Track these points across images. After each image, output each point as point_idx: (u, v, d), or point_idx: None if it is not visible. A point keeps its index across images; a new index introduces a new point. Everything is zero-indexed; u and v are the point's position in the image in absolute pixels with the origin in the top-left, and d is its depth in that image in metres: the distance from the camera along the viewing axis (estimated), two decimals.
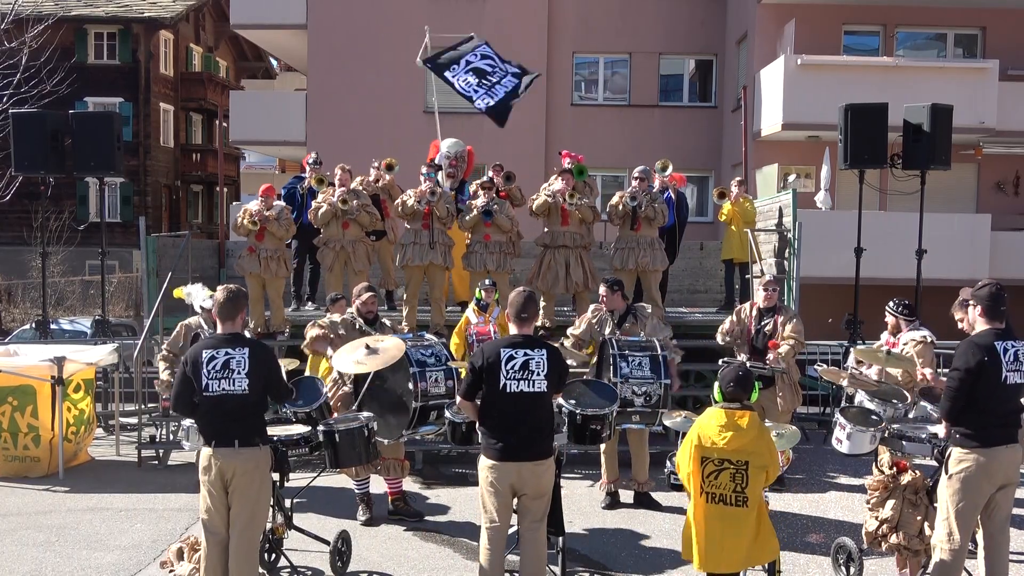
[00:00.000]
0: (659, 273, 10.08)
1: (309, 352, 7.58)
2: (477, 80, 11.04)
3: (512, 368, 5.05)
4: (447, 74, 11.09)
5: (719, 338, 8.17)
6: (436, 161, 11.01)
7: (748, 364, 7.51)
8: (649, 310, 8.01)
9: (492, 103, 10.99)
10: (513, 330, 5.28)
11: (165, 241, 11.81)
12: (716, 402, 4.94)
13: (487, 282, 8.78)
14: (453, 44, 11.31)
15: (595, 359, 7.55)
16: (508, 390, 5.05)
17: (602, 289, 7.68)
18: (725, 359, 7.65)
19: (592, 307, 7.83)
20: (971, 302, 5.22)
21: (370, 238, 10.52)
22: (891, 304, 6.88)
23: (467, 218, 9.77)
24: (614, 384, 6.78)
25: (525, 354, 5.09)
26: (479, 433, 5.29)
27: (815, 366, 7.67)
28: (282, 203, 10.36)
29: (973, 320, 5.21)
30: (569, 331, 7.78)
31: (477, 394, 5.19)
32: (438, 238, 9.72)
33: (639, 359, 6.91)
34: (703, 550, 4.78)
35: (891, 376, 6.57)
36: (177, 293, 8.94)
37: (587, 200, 9.91)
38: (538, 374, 5.07)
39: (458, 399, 5.45)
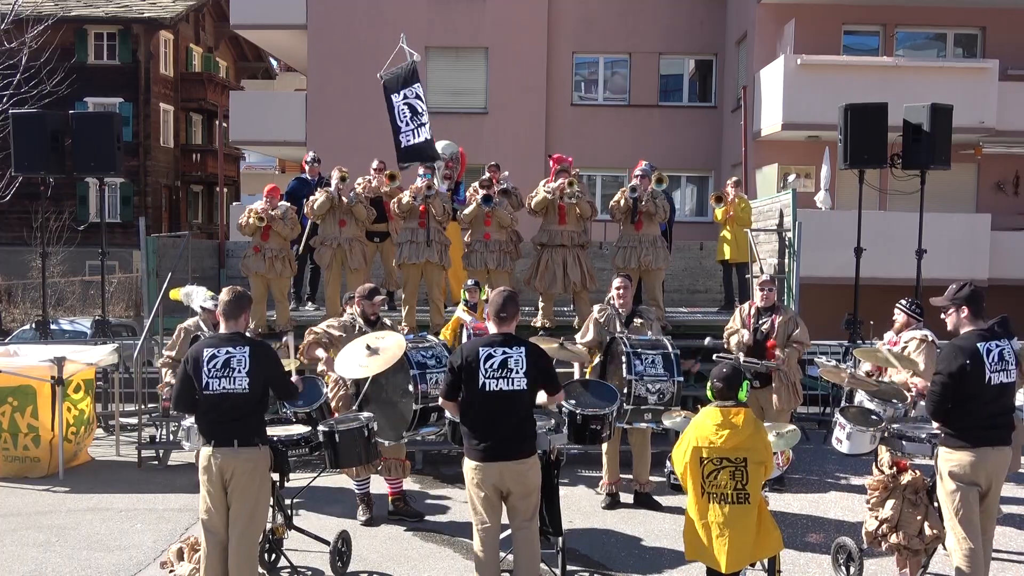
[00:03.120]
0: (661, 272, 10.06)
1: (305, 360, 7.53)
2: (411, 115, 11.23)
3: (491, 367, 5.03)
4: (393, 96, 11.26)
5: (734, 348, 8.12)
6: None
7: (743, 360, 7.53)
8: (653, 313, 8.02)
9: (412, 143, 11.17)
10: (493, 329, 5.26)
11: (165, 241, 11.81)
12: (709, 400, 4.96)
13: (469, 283, 8.84)
14: (400, 67, 11.41)
15: (598, 357, 7.54)
16: (487, 389, 5.02)
17: (619, 282, 7.67)
18: (718, 354, 7.65)
19: (596, 307, 7.82)
20: (953, 305, 5.21)
21: (374, 240, 10.54)
22: (903, 302, 6.88)
23: (466, 211, 9.77)
24: (628, 381, 6.78)
25: (504, 352, 5.06)
26: (461, 434, 5.27)
27: (815, 358, 7.67)
28: (287, 203, 10.39)
29: (958, 323, 5.22)
30: (578, 339, 7.65)
31: (458, 394, 5.17)
32: (434, 236, 9.73)
33: (652, 357, 6.94)
34: (708, 550, 4.79)
35: (898, 379, 6.57)
36: (173, 295, 8.93)
37: (585, 195, 9.90)
38: (517, 372, 5.03)
39: (440, 400, 5.44)
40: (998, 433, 5.09)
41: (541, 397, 5.33)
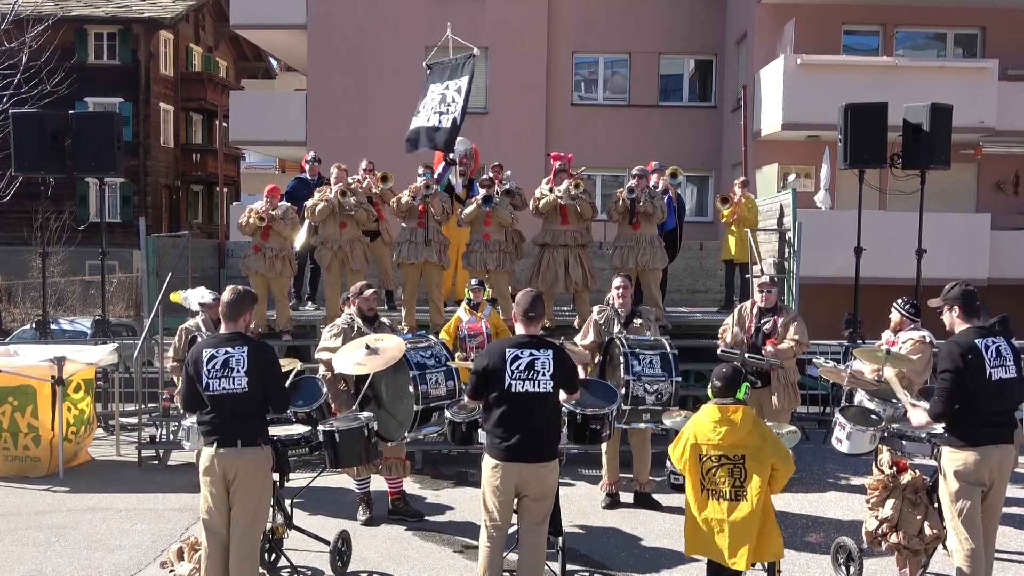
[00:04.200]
0: (659, 272, 10.06)
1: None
2: (438, 101, 10.75)
3: (517, 368, 5.04)
4: (433, 85, 10.90)
5: (726, 336, 8.11)
6: (452, 157, 11.01)
7: (748, 357, 7.51)
8: (653, 313, 8.02)
9: (421, 125, 10.78)
10: (520, 330, 5.27)
11: (165, 241, 11.80)
12: (710, 399, 4.97)
13: (473, 282, 8.86)
14: (454, 58, 10.93)
15: (598, 357, 7.54)
16: (513, 390, 5.04)
17: (619, 281, 7.68)
18: (724, 350, 7.64)
19: (596, 308, 7.83)
20: (946, 305, 5.26)
21: (365, 239, 10.54)
22: (899, 301, 6.90)
23: (467, 211, 9.77)
24: (625, 382, 6.78)
25: (531, 354, 5.08)
26: (484, 432, 5.28)
27: (815, 358, 7.67)
28: (287, 203, 10.39)
29: (952, 323, 5.26)
30: (578, 341, 7.63)
31: (483, 394, 5.18)
32: (433, 236, 9.72)
33: (650, 357, 6.95)
34: (710, 544, 4.79)
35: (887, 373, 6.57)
36: (174, 298, 8.94)
37: (587, 195, 9.91)
38: (543, 374, 5.05)
39: (466, 399, 5.44)
40: (1001, 431, 5.10)
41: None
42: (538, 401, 5.07)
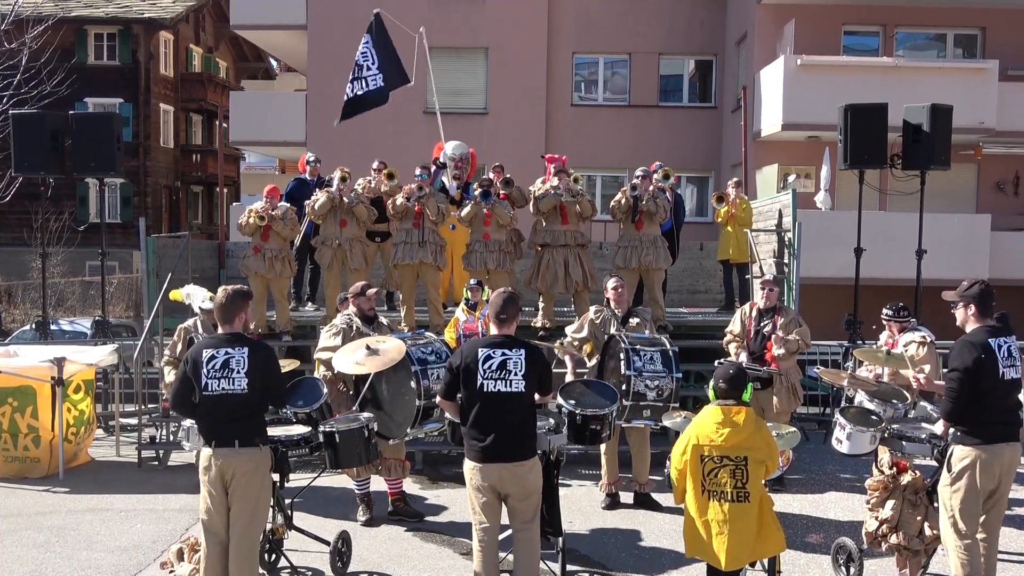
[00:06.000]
0: (662, 272, 10.07)
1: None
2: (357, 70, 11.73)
3: (489, 368, 5.04)
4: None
5: (730, 348, 8.14)
6: (441, 160, 11.03)
7: (744, 365, 7.53)
8: (649, 313, 8.03)
9: (350, 95, 11.63)
10: (493, 330, 5.28)
11: (165, 242, 11.80)
12: (710, 400, 4.97)
13: (472, 282, 8.87)
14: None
15: (596, 358, 7.55)
16: (485, 390, 5.04)
17: (613, 282, 7.69)
18: (721, 360, 7.67)
19: (593, 308, 7.83)
20: (962, 302, 5.26)
21: (375, 240, 10.55)
22: (886, 311, 6.91)
23: (466, 210, 9.77)
24: (627, 377, 6.79)
25: (503, 354, 5.08)
26: (462, 435, 5.28)
27: (815, 367, 7.69)
28: (287, 204, 10.39)
29: (965, 320, 5.26)
30: (569, 332, 7.73)
31: (456, 394, 5.19)
32: (428, 237, 9.72)
33: (651, 353, 6.95)
34: (708, 547, 4.80)
35: (902, 378, 6.56)
36: (174, 295, 8.93)
37: (585, 194, 9.91)
38: (516, 374, 5.05)
39: (438, 399, 5.45)
40: (1010, 429, 5.14)
41: None
42: (511, 401, 5.05)
